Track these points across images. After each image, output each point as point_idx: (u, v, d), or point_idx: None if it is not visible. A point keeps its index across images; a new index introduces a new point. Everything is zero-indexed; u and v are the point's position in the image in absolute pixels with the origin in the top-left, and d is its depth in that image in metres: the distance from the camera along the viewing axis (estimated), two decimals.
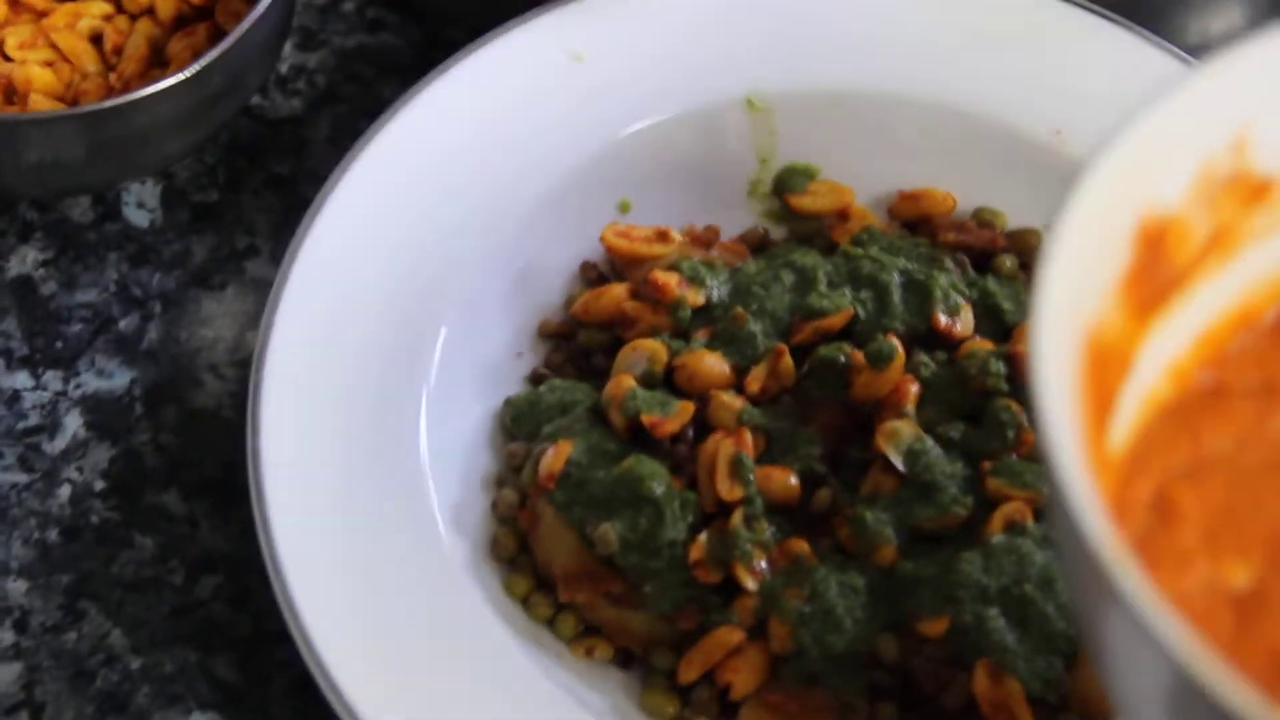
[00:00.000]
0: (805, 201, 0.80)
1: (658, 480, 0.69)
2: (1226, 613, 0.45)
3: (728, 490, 0.68)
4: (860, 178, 0.80)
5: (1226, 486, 0.48)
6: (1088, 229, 0.46)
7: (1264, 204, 0.51)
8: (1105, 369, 0.48)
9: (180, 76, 0.76)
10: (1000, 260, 0.77)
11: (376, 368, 0.73)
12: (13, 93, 0.81)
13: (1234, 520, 0.47)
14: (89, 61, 0.82)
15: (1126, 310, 0.49)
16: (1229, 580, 0.46)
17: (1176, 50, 0.79)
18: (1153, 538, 0.46)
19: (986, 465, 0.69)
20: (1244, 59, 0.49)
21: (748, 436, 0.70)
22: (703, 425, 0.71)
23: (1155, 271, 0.49)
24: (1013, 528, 0.68)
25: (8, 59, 0.81)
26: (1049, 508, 0.66)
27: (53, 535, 0.74)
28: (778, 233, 0.81)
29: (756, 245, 0.80)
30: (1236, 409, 0.50)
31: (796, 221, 0.81)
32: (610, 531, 0.68)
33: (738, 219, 0.80)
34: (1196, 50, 0.81)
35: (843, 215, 0.80)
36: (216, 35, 0.81)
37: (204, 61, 0.76)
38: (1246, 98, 0.50)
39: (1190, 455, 0.49)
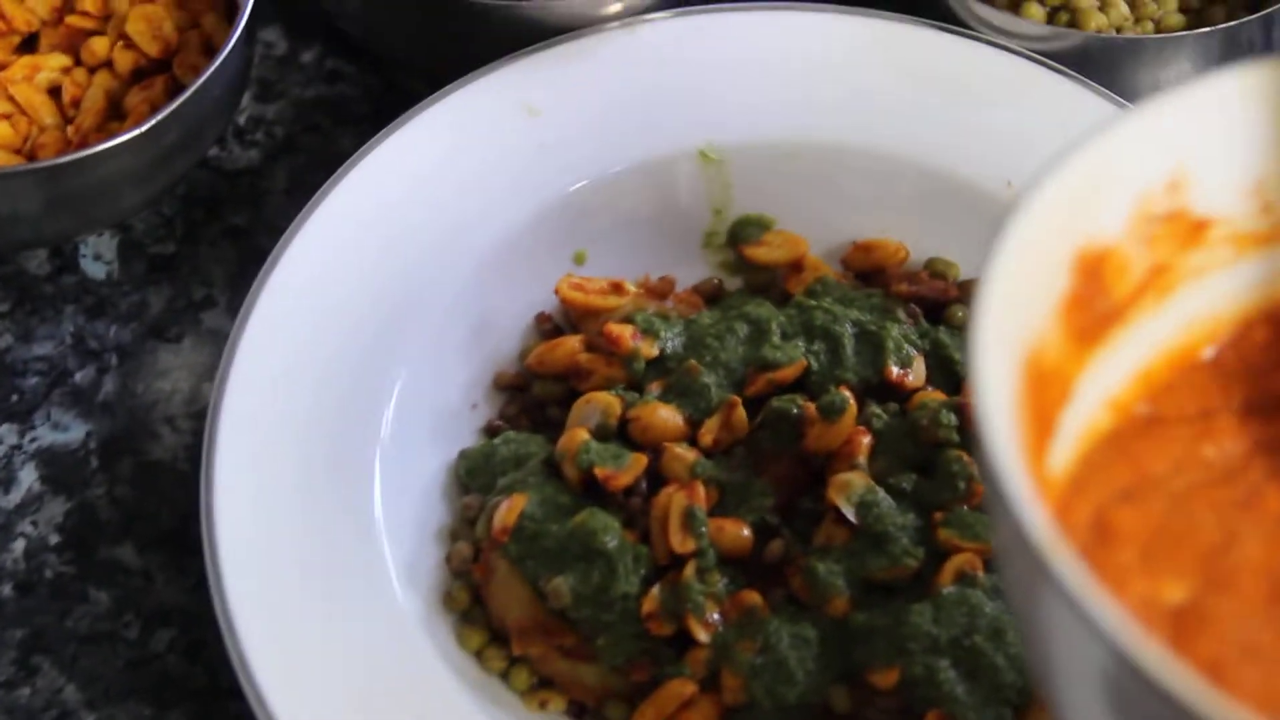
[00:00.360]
0: (760, 252, 0.81)
1: (610, 534, 0.69)
2: (1164, 628, 0.46)
3: (680, 543, 0.69)
4: (814, 228, 0.81)
5: (1163, 508, 0.49)
6: (1027, 252, 0.47)
7: (1201, 244, 0.53)
8: (1046, 391, 0.49)
9: (137, 131, 0.76)
10: (953, 311, 0.78)
11: (331, 420, 0.73)
12: None
13: (1170, 540, 0.48)
14: (47, 114, 0.82)
15: (1066, 335, 0.50)
16: (1165, 597, 0.47)
17: (1126, 103, 0.80)
18: (1091, 556, 0.47)
19: (938, 516, 0.70)
20: (1182, 101, 0.51)
21: (700, 489, 0.70)
22: (656, 477, 0.72)
23: (1094, 301, 0.51)
24: (963, 579, 0.68)
25: None
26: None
27: (6, 590, 0.74)
28: (732, 283, 0.81)
29: (711, 296, 0.80)
30: (1173, 435, 0.51)
31: (751, 272, 0.81)
32: (563, 585, 0.68)
33: (693, 270, 0.81)
34: None
35: (797, 266, 0.80)
36: (174, 88, 0.81)
37: (161, 115, 0.76)
38: (1183, 139, 0.51)
39: (1129, 479, 0.50)
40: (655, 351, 0.75)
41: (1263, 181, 0.52)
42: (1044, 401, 0.49)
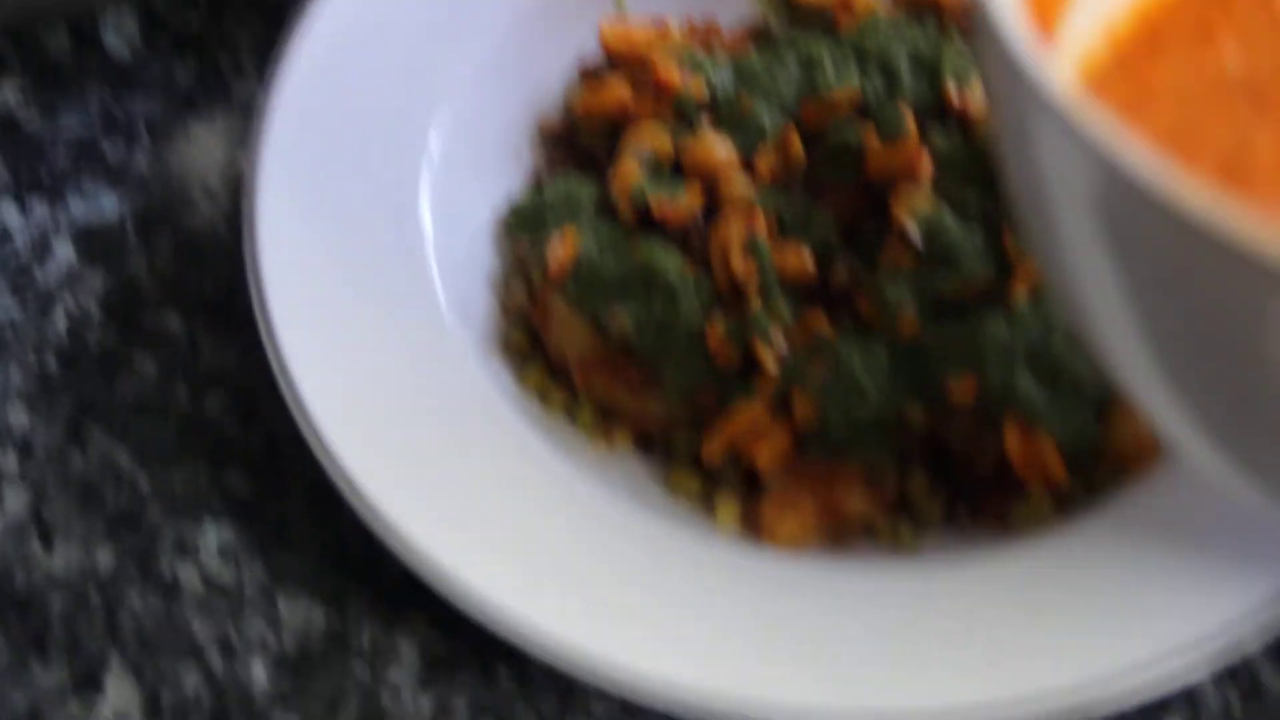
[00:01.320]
0: None
1: (671, 264, 0.67)
2: None
3: (742, 269, 0.67)
4: None
5: (1174, 111, 0.46)
6: None
7: None
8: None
9: None
10: None
11: (372, 174, 0.71)
12: None
13: (1184, 142, 0.46)
14: None
15: None
16: None
17: None
18: None
19: (1007, 229, 0.67)
20: None
21: (760, 215, 0.68)
22: (712, 211, 0.69)
23: None
24: (1037, 290, 0.66)
25: None
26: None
27: (51, 363, 0.72)
28: (779, 26, 0.79)
29: (759, 37, 0.77)
30: (1173, 51, 0.48)
31: (799, 13, 0.78)
32: (625, 315, 0.66)
33: (737, 11, 0.78)
34: None
35: (846, 4, 0.77)
36: None
37: None
38: None
39: (1135, 92, 0.48)
40: (704, 90, 0.72)
41: None
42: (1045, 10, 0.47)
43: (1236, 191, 0.44)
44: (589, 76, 0.77)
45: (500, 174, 0.74)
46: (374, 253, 0.69)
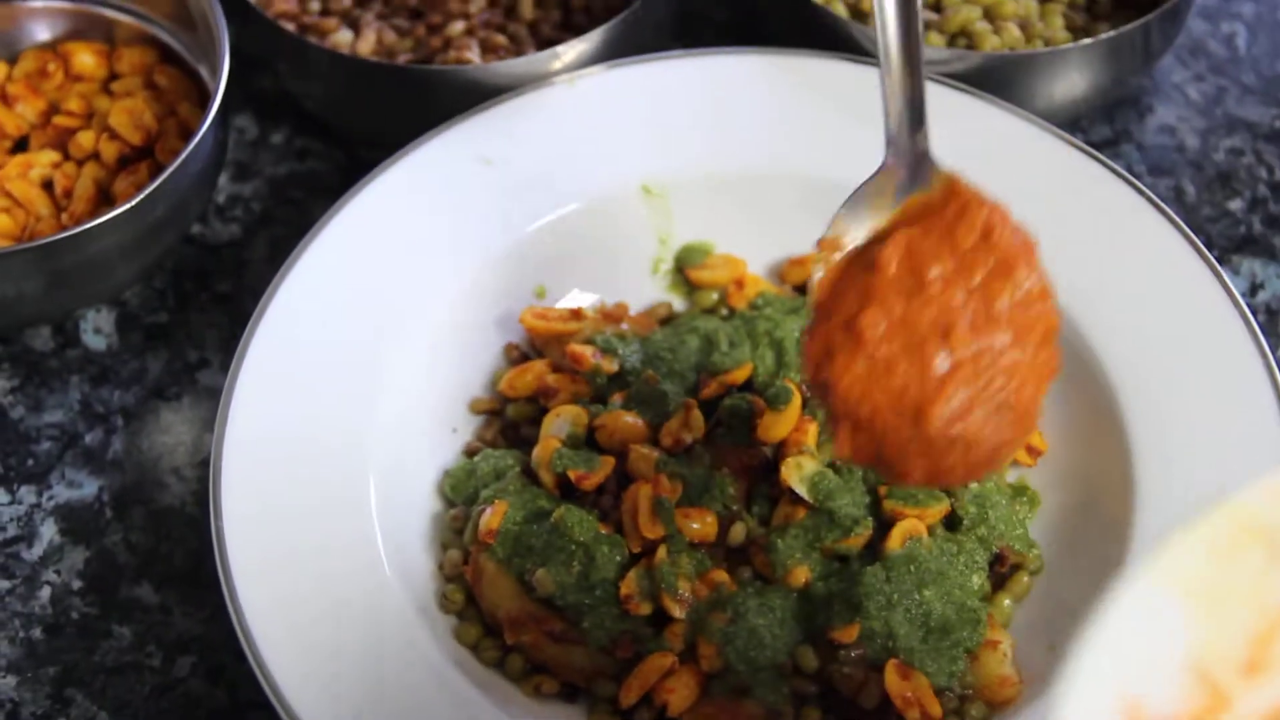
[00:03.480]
0: (704, 274, 0.88)
1: (587, 526, 0.76)
2: None
3: (650, 529, 0.75)
4: (751, 249, 0.89)
5: None
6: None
7: None
8: None
9: (125, 207, 0.83)
10: None
11: (324, 456, 0.79)
12: None
13: None
14: (42, 205, 0.90)
15: None
16: None
17: (1024, 113, 0.88)
18: None
19: (883, 490, 0.77)
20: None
21: (665, 481, 0.77)
22: (624, 478, 0.79)
23: None
24: (909, 542, 0.75)
25: None
26: None
27: (36, 633, 0.80)
28: (681, 304, 0.89)
29: (663, 317, 0.88)
30: None
31: (697, 292, 0.89)
32: (547, 576, 0.75)
33: (644, 295, 0.89)
34: (1042, 113, 0.90)
35: (739, 284, 0.88)
36: (158, 172, 0.89)
37: (146, 192, 0.84)
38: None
39: None
40: (615, 367, 0.82)
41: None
42: None
43: None
44: (512, 352, 0.86)
45: (438, 449, 0.83)
46: (326, 523, 0.77)
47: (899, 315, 0.65)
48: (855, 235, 0.71)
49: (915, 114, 0.71)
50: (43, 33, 0.97)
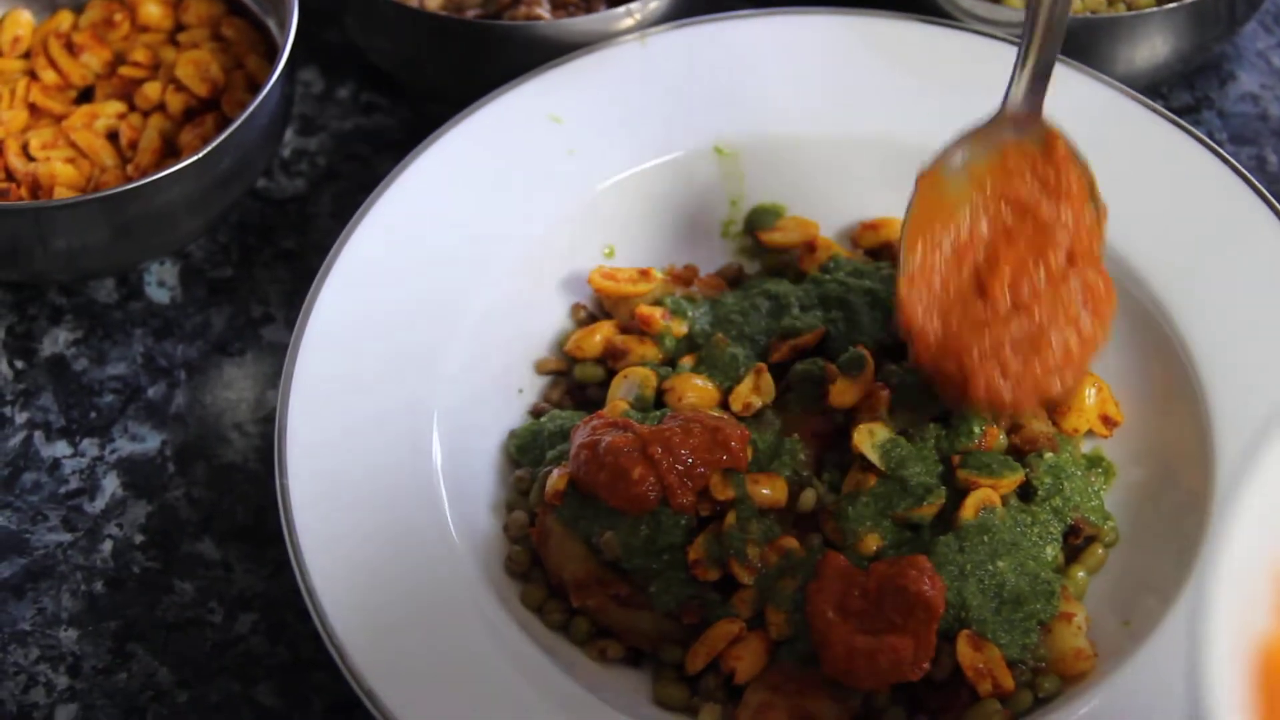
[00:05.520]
0: (775, 237, 0.87)
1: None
2: None
3: (720, 491, 0.74)
4: (824, 212, 0.87)
5: None
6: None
7: None
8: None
9: (191, 160, 0.82)
10: None
11: (389, 413, 0.79)
12: (38, 189, 0.87)
13: None
14: (106, 156, 0.89)
15: None
16: None
17: (1105, 78, 0.86)
18: None
19: (956, 459, 0.75)
20: None
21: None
22: None
23: None
24: (983, 512, 0.74)
25: (32, 159, 0.88)
26: None
27: (98, 586, 0.79)
28: (751, 267, 0.87)
29: (733, 279, 0.86)
30: None
31: (768, 255, 0.87)
32: (614, 538, 0.74)
33: (714, 257, 0.87)
34: (1122, 78, 0.88)
35: (810, 247, 0.86)
36: (223, 125, 0.88)
37: (212, 145, 0.83)
38: None
39: None
40: (684, 329, 0.81)
41: None
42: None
43: None
44: (579, 312, 0.85)
45: (503, 409, 0.82)
46: (390, 483, 0.77)
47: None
48: (955, 172, 0.75)
49: (1043, 73, 0.76)
50: None
